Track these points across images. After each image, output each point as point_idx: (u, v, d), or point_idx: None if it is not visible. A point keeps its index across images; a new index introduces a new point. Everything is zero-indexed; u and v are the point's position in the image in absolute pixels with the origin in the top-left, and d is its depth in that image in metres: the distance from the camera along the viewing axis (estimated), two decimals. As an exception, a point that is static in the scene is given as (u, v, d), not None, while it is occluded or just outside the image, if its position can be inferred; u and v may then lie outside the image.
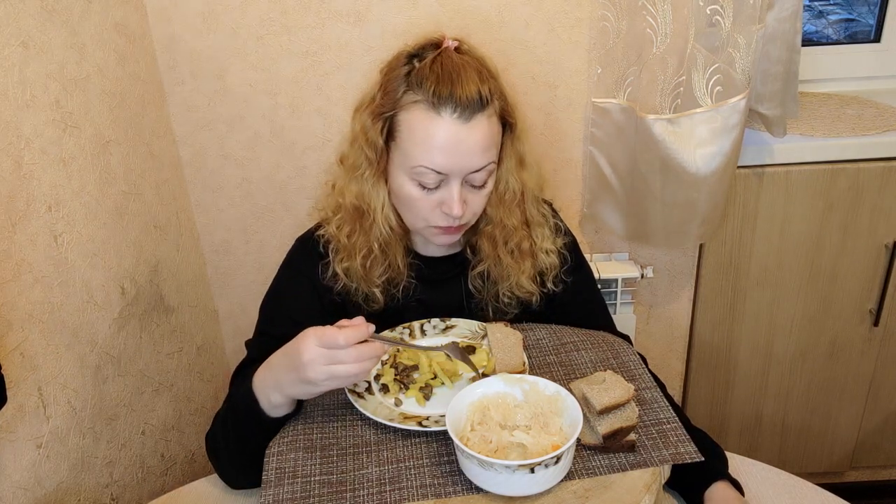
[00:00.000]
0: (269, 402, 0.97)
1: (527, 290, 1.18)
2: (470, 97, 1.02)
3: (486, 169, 1.06)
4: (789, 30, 1.46)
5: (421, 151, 1.03)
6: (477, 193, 1.09)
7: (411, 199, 1.08)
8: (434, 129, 1.02)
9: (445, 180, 1.05)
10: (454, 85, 1.02)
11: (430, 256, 1.20)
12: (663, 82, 1.42)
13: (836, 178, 1.64)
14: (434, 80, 1.03)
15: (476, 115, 1.02)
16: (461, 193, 1.06)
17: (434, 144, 1.02)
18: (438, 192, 1.06)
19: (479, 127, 1.03)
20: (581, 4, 1.52)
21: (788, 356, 1.84)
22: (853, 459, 1.99)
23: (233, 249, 1.75)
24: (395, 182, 1.09)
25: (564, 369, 1.06)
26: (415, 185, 1.06)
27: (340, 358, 0.89)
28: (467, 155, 1.03)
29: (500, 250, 1.16)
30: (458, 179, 1.05)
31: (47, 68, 1.13)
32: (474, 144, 1.03)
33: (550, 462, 0.82)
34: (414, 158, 1.04)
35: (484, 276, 1.18)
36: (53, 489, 1.11)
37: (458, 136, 1.02)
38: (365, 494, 0.88)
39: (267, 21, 1.51)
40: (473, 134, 1.03)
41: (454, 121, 1.02)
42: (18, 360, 1.03)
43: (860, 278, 1.74)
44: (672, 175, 1.48)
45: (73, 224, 1.18)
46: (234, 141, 1.63)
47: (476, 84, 1.03)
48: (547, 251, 1.19)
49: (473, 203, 1.09)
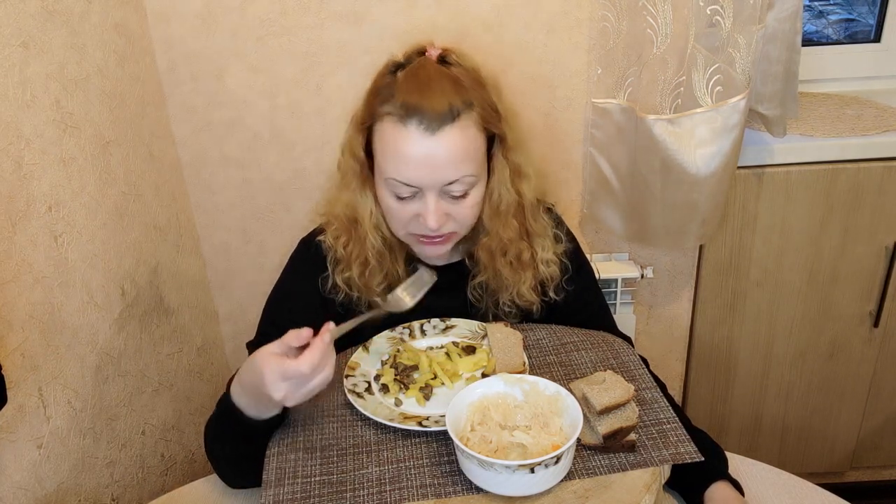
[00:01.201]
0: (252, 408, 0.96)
1: (527, 299, 1.17)
2: (437, 109, 1.00)
3: (461, 181, 1.04)
4: (789, 30, 1.46)
5: (391, 164, 1.03)
6: (459, 205, 1.07)
7: (390, 209, 1.08)
8: (401, 142, 1.01)
9: (420, 192, 1.04)
10: (422, 97, 1.01)
11: (434, 265, 1.19)
12: (663, 82, 1.42)
13: (836, 178, 1.64)
14: (404, 91, 1.02)
15: (444, 128, 1.00)
16: (439, 205, 1.05)
17: (402, 158, 1.02)
18: (415, 204, 1.06)
19: (447, 139, 1.01)
20: (581, 5, 1.52)
21: (788, 356, 1.84)
22: (853, 459, 1.99)
23: (232, 250, 1.75)
24: (378, 193, 1.09)
25: (564, 369, 1.06)
26: (392, 197, 1.06)
27: (310, 378, 0.88)
28: (437, 168, 1.02)
29: (499, 262, 1.15)
30: (433, 192, 1.04)
31: (47, 69, 1.13)
32: (444, 157, 1.01)
33: (550, 462, 0.82)
34: (386, 171, 1.04)
35: (483, 286, 1.18)
36: (54, 489, 1.11)
37: (426, 149, 1.01)
38: (365, 494, 0.88)
39: (266, 22, 1.52)
40: (441, 146, 1.01)
41: (420, 133, 1.00)
42: (19, 361, 1.03)
43: (860, 279, 1.74)
44: (672, 175, 1.48)
45: (73, 224, 1.18)
46: (234, 142, 1.63)
47: (447, 96, 1.01)
48: (548, 262, 1.17)
49: (457, 214, 1.08)
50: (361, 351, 1.11)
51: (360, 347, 1.12)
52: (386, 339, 1.14)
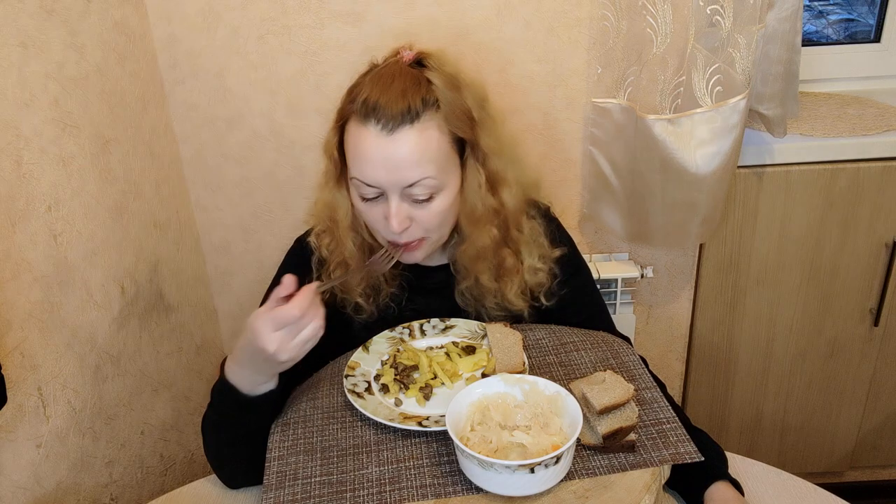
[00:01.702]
0: (246, 383, 0.97)
1: (514, 304, 1.16)
2: (395, 110, 0.99)
3: (422, 184, 1.02)
4: (789, 30, 1.46)
5: (355, 164, 1.03)
6: (423, 209, 1.05)
7: (360, 211, 1.08)
8: (361, 141, 1.01)
9: (384, 194, 1.04)
10: (382, 95, 1.00)
11: (423, 266, 1.18)
12: (663, 82, 1.42)
13: (836, 177, 1.64)
14: (367, 90, 1.02)
15: (401, 128, 1.00)
16: (401, 208, 1.03)
17: (362, 158, 1.02)
18: (381, 206, 1.05)
19: (405, 141, 1.00)
20: (581, 4, 1.52)
21: (788, 356, 1.84)
22: (853, 459, 1.99)
23: (232, 248, 1.75)
24: (351, 193, 1.09)
25: (564, 369, 1.06)
26: (358, 198, 1.07)
27: (302, 325, 0.89)
28: (394, 169, 1.01)
29: (478, 267, 1.13)
30: (395, 194, 1.02)
31: (46, 68, 1.13)
32: (401, 158, 1.00)
33: (550, 462, 0.82)
34: (351, 171, 1.05)
35: (468, 291, 1.17)
36: (53, 489, 1.11)
37: (383, 149, 1.00)
38: (365, 494, 0.88)
39: (267, 20, 1.51)
40: (399, 148, 1.00)
41: (378, 133, 1.00)
42: (18, 360, 1.03)
43: (860, 278, 1.74)
44: (672, 175, 1.48)
45: (73, 223, 1.18)
46: (234, 140, 1.63)
47: (407, 97, 1.00)
48: (535, 270, 1.15)
49: (422, 219, 1.05)
50: (361, 351, 1.11)
51: (360, 347, 1.11)
52: (386, 339, 1.14)
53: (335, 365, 1.12)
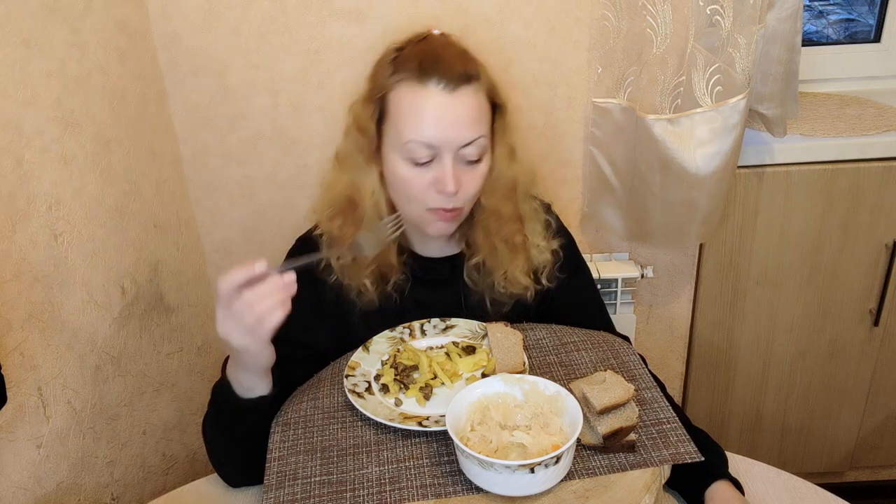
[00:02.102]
0: (240, 384, 0.98)
1: (521, 283, 1.18)
2: (455, 70, 1.03)
3: (476, 143, 1.05)
4: (789, 30, 1.46)
5: (410, 126, 1.04)
6: (471, 172, 1.08)
7: (405, 180, 1.07)
8: (421, 101, 1.03)
9: (437, 156, 1.05)
10: (438, 59, 1.04)
11: (428, 257, 1.20)
12: (663, 82, 1.42)
13: (836, 178, 1.64)
14: (419, 57, 1.05)
15: (461, 87, 1.03)
16: (455, 170, 1.05)
17: (422, 117, 1.03)
18: (432, 170, 1.05)
19: (465, 98, 1.03)
20: (581, 4, 1.52)
21: (788, 356, 1.85)
22: (853, 459, 1.99)
23: (233, 249, 1.75)
24: (389, 166, 1.09)
25: (564, 369, 1.06)
26: (408, 165, 1.06)
27: (239, 308, 0.87)
28: (456, 126, 1.03)
29: (495, 239, 1.16)
30: (450, 154, 1.04)
31: (48, 66, 1.13)
32: (462, 115, 1.03)
33: (550, 462, 0.82)
34: (404, 134, 1.04)
35: (479, 267, 1.18)
36: (53, 489, 1.11)
37: (445, 106, 1.03)
38: (365, 494, 0.88)
39: (268, 19, 1.51)
40: (460, 105, 1.03)
41: (440, 91, 1.02)
42: (18, 360, 1.03)
43: (860, 278, 1.74)
44: (672, 175, 1.48)
45: (74, 223, 1.18)
46: (236, 139, 1.63)
47: (460, 59, 1.06)
48: (540, 248, 1.18)
49: (468, 183, 1.08)
50: (361, 351, 1.11)
51: (360, 347, 1.12)
52: (386, 339, 1.14)
53: (336, 365, 1.12)
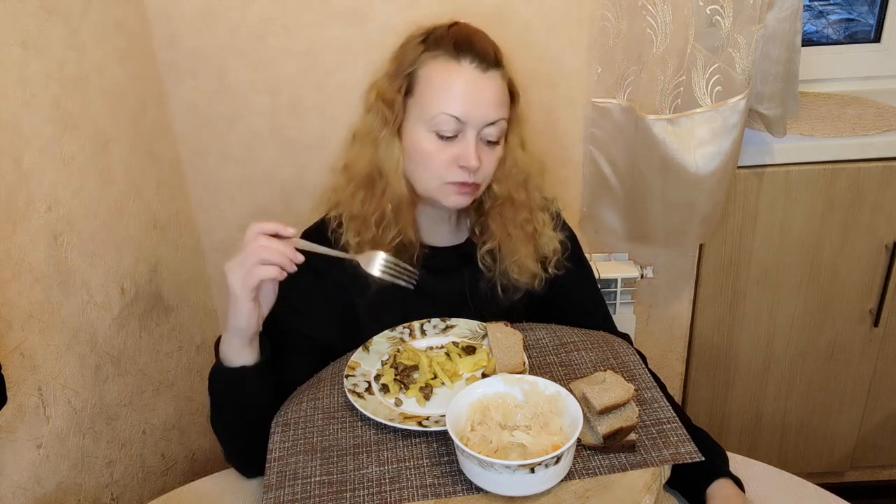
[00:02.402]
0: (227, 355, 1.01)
1: (531, 270, 1.20)
2: (488, 53, 1.08)
3: (498, 124, 1.10)
4: (789, 30, 1.46)
5: (441, 99, 1.07)
6: (490, 153, 1.11)
7: (427, 154, 1.10)
8: (455, 76, 1.07)
9: (462, 132, 1.08)
10: (472, 41, 1.09)
11: (435, 246, 1.21)
12: (663, 82, 1.42)
13: (836, 178, 1.64)
14: (454, 37, 1.10)
15: (492, 70, 1.08)
16: (478, 147, 1.09)
17: (454, 91, 1.07)
18: (454, 146, 1.09)
19: (494, 80, 1.08)
20: (581, 4, 1.52)
21: (788, 356, 1.84)
22: (853, 459, 1.99)
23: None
24: (412, 139, 1.11)
25: (564, 369, 1.06)
26: (432, 138, 1.09)
27: (252, 247, 1.04)
28: (484, 104, 1.07)
29: (510, 226, 1.18)
30: (475, 131, 1.08)
31: (47, 67, 1.13)
32: (491, 95, 1.08)
33: (550, 462, 0.82)
34: (433, 107, 1.07)
35: (494, 253, 1.20)
36: (53, 489, 1.11)
37: (477, 84, 1.07)
38: (365, 494, 0.88)
39: (267, 20, 1.51)
40: (490, 85, 1.08)
41: (473, 69, 1.07)
42: (18, 360, 1.03)
43: (860, 278, 1.74)
44: (672, 175, 1.48)
45: (73, 223, 1.18)
46: (234, 140, 1.63)
47: (491, 45, 1.11)
48: (548, 237, 1.22)
49: (486, 162, 1.11)
50: (361, 351, 1.11)
51: (360, 347, 1.12)
52: (386, 339, 1.14)
53: (336, 365, 1.12)
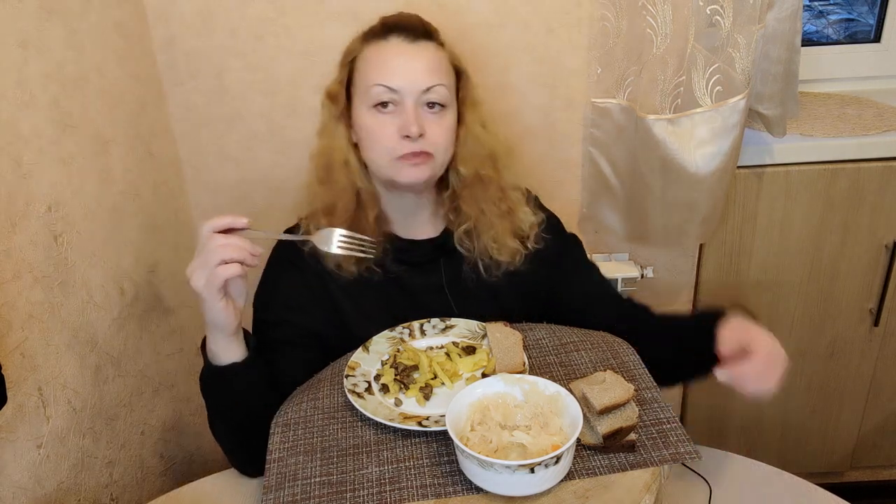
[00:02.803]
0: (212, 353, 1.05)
1: (510, 247, 1.21)
2: (415, 26, 1.14)
3: (435, 90, 1.12)
4: (789, 30, 1.46)
5: (374, 72, 1.12)
6: (437, 121, 1.13)
7: (372, 131, 1.13)
8: (384, 51, 1.13)
9: (400, 102, 1.11)
10: (400, 19, 1.15)
11: (410, 239, 1.23)
12: (663, 82, 1.42)
13: (836, 178, 1.64)
14: (382, 20, 1.16)
15: (421, 40, 1.13)
16: (417, 114, 1.11)
17: (384, 63, 1.12)
18: (397, 118, 1.11)
19: (425, 50, 1.13)
20: (581, 4, 1.52)
21: (788, 356, 1.84)
22: (853, 459, 1.99)
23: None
24: (358, 121, 1.15)
25: (564, 369, 1.06)
26: (373, 112, 1.12)
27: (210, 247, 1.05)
28: (416, 72, 1.11)
29: (482, 203, 1.20)
30: (412, 99, 1.11)
31: (46, 68, 1.13)
32: (421, 62, 1.12)
33: (550, 462, 0.82)
34: (369, 80, 1.12)
35: (470, 232, 1.22)
36: (53, 489, 1.11)
37: (405, 54, 1.12)
38: (365, 494, 0.88)
39: (265, 21, 1.51)
40: (420, 54, 1.12)
41: (400, 42, 1.13)
42: (18, 360, 1.03)
43: (860, 278, 1.74)
44: (672, 175, 1.48)
45: (73, 224, 1.18)
46: (233, 141, 1.63)
47: (420, 21, 1.16)
48: (525, 212, 1.24)
49: (433, 132, 1.12)
50: (361, 351, 1.11)
51: (360, 347, 1.11)
52: (386, 339, 1.14)
53: (336, 365, 1.12)
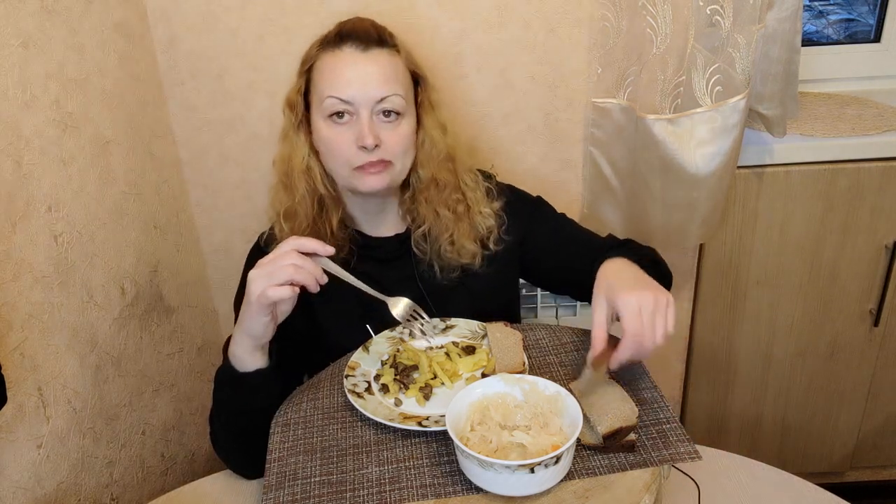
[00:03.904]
0: (237, 357, 1.02)
1: (468, 250, 1.22)
2: (368, 34, 1.12)
3: (390, 100, 1.11)
4: (789, 30, 1.46)
5: (328, 84, 1.11)
6: (392, 129, 1.13)
7: (329, 141, 1.13)
8: (336, 62, 1.12)
9: (355, 112, 1.11)
10: (354, 27, 1.14)
11: (377, 237, 1.24)
12: (663, 82, 1.42)
13: (836, 178, 1.64)
14: (337, 29, 1.15)
15: (374, 48, 1.12)
16: (372, 125, 1.10)
17: (337, 75, 1.11)
18: (352, 128, 1.11)
19: (378, 58, 1.12)
20: (581, 4, 1.52)
21: (788, 356, 1.84)
22: (853, 459, 1.99)
23: (232, 250, 1.75)
24: (316, 131, 1.15)
25: (564, 369, 1.06)
26: (329, 124, 1.12)
27: (281, 263, 0.96)
28: (368, 83, 1.10)
29: (437, 206, 1.21)
30: (367, 110, 1.10)
31: (47, 68, 1.13)
32: (375, 73, 1.11)
33: (550, 462, 0.82)
34: (323, 92, 1.12)
35: (426, 235, 1.22)
36: (53, 489, 1.11)
37: (358, 64, 1.11)
38: (365, 494, 0.88)
39: (266, 21, 1.51)
40: (372, 63, 1.11)
41: (353, 52, 1.11)
42: (18, 360, 1.03)
43: (860, 278, 1.74)
44: (672, 175, 1.48)
45: (73, 224, 1.18)
46: (234, 141, 1.63)
47: (376, 28, 1.15)
48: (483, 214, 1.24)
49: (390, 141, 1.12)
50: (361, 351, 1.11)
51: (360, 347, 1.12)
52: (386, 339, 1.14)
53: (336, 366, 1.13)
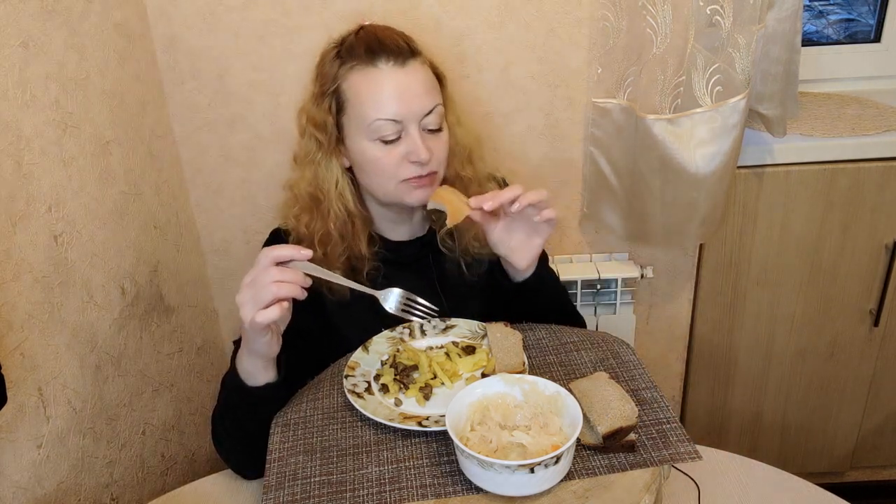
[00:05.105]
0: (244, 370, 1.01)
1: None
2: (397, 45, 1.10)
3: (435, 111, 1.12)
4: (789, 30, 1.46)
5: (372, 107, 1.09)
6: (436, 139, 1.13)
7: (376, 160, 1.11)
8: (377, 80, 1.09)
9: (404, 130, 1.09)
10: (382, 41, 1.11)
11: (397, 241, 1.23)
12: (663, 82, 1.42)
13: (836, 178, 1.64)
14: (363, 43, 1.11)
15: (409, 61, 1.10)
16: (423, 139, 1.10)
17: (382, 95, 1.08)
18: (401, 145, 1.10)
19: (416, 71, 1.11)
20: (581, 4, 1.52)
21: (788, 356, 1.84)
22: (853, 459, 1.99)
23: (233, 250, 1.75)
24: (356, 151, 1.13)
25: (564, 369, 1.06)
26: (377, 145, 1.10)
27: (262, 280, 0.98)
28: (415, 98, 1.09)
29: None
30: (415, 125, 1.10)
31: (47, 68, 1.13)
32: (418, 87, 1.10)
33: (550, 462, 0.82)
34: (368, 116, 1.09)
35: (452, 233, 1.22)
36: (53, 489, 1.11)
37: (400, 81, 1.09)
38: (365, 494, 0.88)
39: (268, 21, 1.51)
40: (413, 77, 1.10)
41: (392, 69, 1.09)
42: (18, 360, 1.03)
43: (860, 278, 1.74)
44: (672, 175, 1.48)
45: (73, 224, 1.18)
46: (235, 141, 1.63)
47: (401, 38, 1.13)
48: None
49: (436, 149, 1.13)
50: (361, 351, 1.11)
51: (360, 348, 1.12)
52: (386, 339, 1.14)
53: (336, 366, 1.13)
